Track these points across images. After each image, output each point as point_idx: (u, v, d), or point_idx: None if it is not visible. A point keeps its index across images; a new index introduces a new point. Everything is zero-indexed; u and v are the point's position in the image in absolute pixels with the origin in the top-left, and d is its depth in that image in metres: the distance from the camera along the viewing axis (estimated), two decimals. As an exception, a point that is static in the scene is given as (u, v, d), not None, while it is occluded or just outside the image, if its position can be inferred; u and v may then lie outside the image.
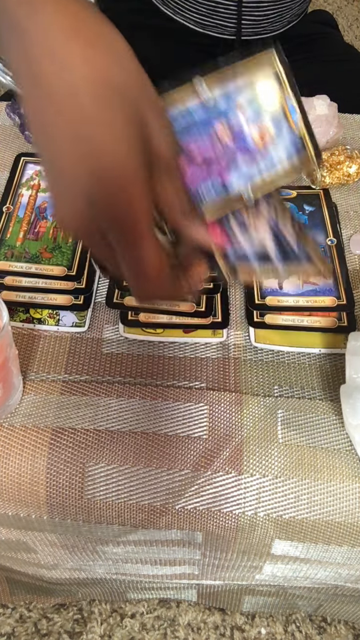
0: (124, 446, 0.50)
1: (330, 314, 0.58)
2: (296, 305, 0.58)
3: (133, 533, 0.53)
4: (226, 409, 0.52)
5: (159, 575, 0.67)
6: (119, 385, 0.54)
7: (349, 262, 0.62)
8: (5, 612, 0.87)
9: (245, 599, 0.78)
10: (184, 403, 0.53)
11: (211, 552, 0.57)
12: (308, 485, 0.49)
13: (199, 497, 0.50)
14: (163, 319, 0.57)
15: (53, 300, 0.58)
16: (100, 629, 0.85)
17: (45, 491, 0.50)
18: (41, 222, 0.63)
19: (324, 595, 0.71)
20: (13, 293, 0.58)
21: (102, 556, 0.61)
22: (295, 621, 0.87)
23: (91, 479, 0.50)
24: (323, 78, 0.86)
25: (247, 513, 0.49)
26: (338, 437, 0.51)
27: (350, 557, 0.53)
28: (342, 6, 1.96)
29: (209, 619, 0.87)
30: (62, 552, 0.61)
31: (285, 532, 0.50)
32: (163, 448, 0.50)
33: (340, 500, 0.49)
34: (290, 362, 0.56)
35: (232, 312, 0.58)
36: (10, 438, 0.51)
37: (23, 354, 0.55)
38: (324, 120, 0.69)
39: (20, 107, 0.68)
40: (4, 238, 0.61)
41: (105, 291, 0.60)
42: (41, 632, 0.86)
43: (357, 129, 0.74)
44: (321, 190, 0.68)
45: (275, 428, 0.52)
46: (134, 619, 0.87)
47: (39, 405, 0.52)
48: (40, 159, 0.35)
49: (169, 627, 0.86)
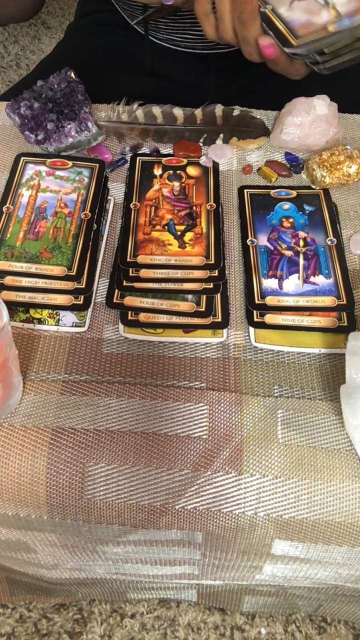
0: (124, 446, 0.50)
1: (330, 314, 0.58)
2: (296, 305, 0.58)
3: (133, 533, 0.53)
4: (226, 409, 0.52)
5: (159, 575, 0.67)
6: (119, 385, 0.54)
7: (349, 262, 0.62)
8: (5, 612, 0.87)
9: (245, 599, 0.78)
10: (184, 403, 0.53)
11: (211, 552, 0.57)
12: (308, 485, 0.49)
13: (199, 497, 0.50)
14: (163, 319, 0.57)
15: (53, 300, 0.58)
16: (100, 629, 0.85)
17: (45, 491, 0.50)
18: (41, 222, 0.63)
19: (324, 595, 0.71)
20: (13, 293, 0.58)
21: (102, 556, 0.61)
22: (295, 621, 0.87)
23: (91, 479, 0.50)
24: (323, 78, 0.86)
25: (247, 513, 0.49)
26: (338, 437, 0.51)
27: (350, 557, 0.53)
28: (342, 6, 1.96)
29: (209, 619, 0.87)
30: (62, 552, 0.61)
31: (285, 532, 0.50)
32: (163, 448, 0.50)
33: (340, 500, 0.49)
34: (290, 362, 0.56)
35: (232, 312, 0.58)
36: (10, 438, 0.51)
37: (23, 354, 0.55)
38: (324, 120, 0.69)
39: (20, 107, 0.68)
40: (4, 238, 0.61)
41: (105, 291, 0.60)
42: (41, 632, 0.86)
43: (357, 129, 0.74)
44: (321, 190, 0.68)
45: (275, 428, 0.52)
46: (134, 619, 0.86)
47: (39, 405, 0.52)
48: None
49: (169, 627, 0.86)
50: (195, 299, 0.58)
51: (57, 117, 0.67)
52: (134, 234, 0.63)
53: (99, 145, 0.71)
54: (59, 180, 0.66)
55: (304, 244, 0.63)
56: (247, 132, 0.72)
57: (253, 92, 0.88)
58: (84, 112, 0.67)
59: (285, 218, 0.65)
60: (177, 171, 0.69)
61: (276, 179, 0.69)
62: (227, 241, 0.64)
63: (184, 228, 0.63)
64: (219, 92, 0.88)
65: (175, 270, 0.60)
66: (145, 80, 0.87)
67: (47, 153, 0.70)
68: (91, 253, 0.61)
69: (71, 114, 0.67)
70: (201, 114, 0.72)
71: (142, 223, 0.64)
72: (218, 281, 0.59)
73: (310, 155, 0.71)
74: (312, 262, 0.61)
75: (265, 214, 0.65)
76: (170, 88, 0.88)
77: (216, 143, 0.72)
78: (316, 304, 0.58)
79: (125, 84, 0.85)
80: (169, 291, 0.59)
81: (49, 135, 0.67)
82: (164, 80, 0.88)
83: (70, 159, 0.68)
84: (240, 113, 0.73)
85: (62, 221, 0.63)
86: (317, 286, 0.59)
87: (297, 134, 0.70)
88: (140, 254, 0.61)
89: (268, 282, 0.60)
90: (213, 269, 0.60)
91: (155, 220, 0.64)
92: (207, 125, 0.72)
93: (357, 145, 0.72)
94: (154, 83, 0.87)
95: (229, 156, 0.71)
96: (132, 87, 0.78)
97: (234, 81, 0.89)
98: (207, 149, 0.71)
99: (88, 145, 0.70)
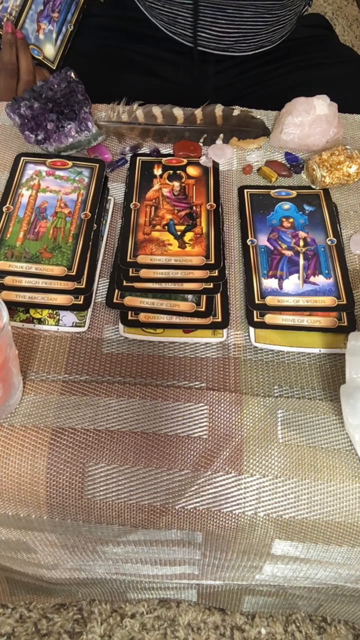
0: (124, 446, 0.50)
1: (330, 314, 0.58)
2: (296, 305, 0.58)
3: (133, 533, 0.53)
4: (226, 409, 0.52)
5: (159, 575, 0.67)
6: (119, 385, 0.54)
7: (349, 262, 0.62)
8: (5, 612, 0.87)
9: (245, 599, 0.78)
10: (184, 403, 0.53)
11: (211, 552, 0.57)
12: (308, 485, 0.49)
13: (199, 497, 0.50)
14: (163, 319, 0.57)
15: (53, 300, 0.58)
16: (100, 629, 0.85)
17: (45, 491, 0.50)
18: (41, 222, 0.63)
19: (324, 595, 0.71)
20: (13, 293, 0.58)
21: (102, 556, 0.61)
22: (295, 621, 0.87)
23: (91, 479, 0.50)
24: (322, 79, 0.86)
25: (247, 513, 0.49)
26: (338, 437, 0.51)
27: (350, 557, 0.53)
28: (342, 6, 1.96)
29: (209, 619, 0.87)
30: (62, 552, 0.61)
31: (285, 532, 0.50)
32: (163, 448, 0.50)
33: (340, 500, 0.49)
34: (290, 362, 0.56)
35: (232, 312, 0.58)
36: (10, 438, 0.51)
37: (23, 354, 0.55)
38: (324, 120, 0.69)
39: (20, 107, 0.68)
40: (4, 238, 0.61)
41: (105, 291, 0.60)
42: (41, 632, 0.85)
43: (357, 129, 0.74)
44: (321, 190, 0.68)
45: (275, 428, 0.52)
46: (134, 619, 0.86)
47: (39, 405, 0.52)
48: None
49: (169, 627, 0.86)
50: (195, 299, 0.58)
51: (57, 117, 0.67)
52: (134, 234, 0.63)
53: (99, 145, 0.71)
54: (59, 180, 0.66)
55: (304, 244, 0.63)
56: (247, 132, 0.72)
57: (253, 92, 0.89)
58: (84, 112, 0.67)
59: (285, 218, 0.65)
60: (177, 171, 0.69)
61: (276, 179, 0.69)
62: (227, 241, 0.64)
63: (184, 228, 0.63)
64: (219, 92, 0.89)
65: (175, 270, 0.60)
66: (145, 80, 0.87)
67: (47, 153, 0.70)
68: (91, 253, 0.61)
69: (71, 114, 0.67)
70: (201, 114, 0.72)
71: (142, 223, 0.64)
72: (218, 281, 0.59)
73: (310, 155, 0.71)
74: (312, 262, 0.61)
75: (265, 214, 0.65)
76: (170, 88, 0.88)
77: (216, 143, 0.72)
78: (316, 304, 0.58)
79: (125, 84, 0.85)
80: (169, 291, 0.59)
81: (49, 135, 0.67)
82: (164, 81, 0.88)
83: (70, 159, 0.68)
84: (240, 113, 0.73)
85: (62, 221, 0.63)
86: (317, 286, 0.59)
87: (297, 134, 0.70)
88: (140, 254, 0.61)
89: (268, 282, 0.60)
90: (213, 269, 0.60)
91: (155, 220, 0.64)
92: (207, 125, 0.72)
93: (357, 145, 0.72)
94: (154, 83, 0.87)
95: (229, 156, 0.71)
96: (132, 87, 0.78)
97: (234, 82, 0.90)
98: (207, 149, 0.71)
99: (88, 145, 0.70)
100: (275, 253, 0.62)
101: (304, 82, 0.85)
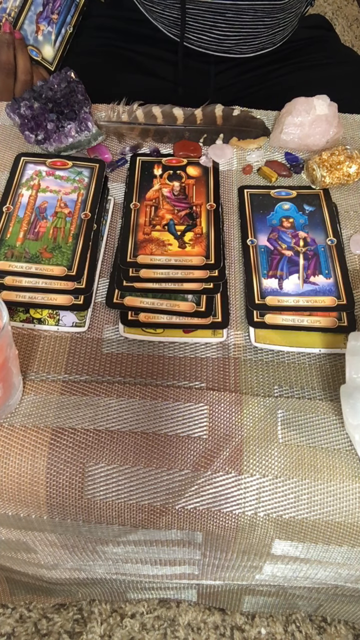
0: (124, 446, 0.50)
1: (330, 314, 0.58)
2: (296, 305, 0.58)
3: (133, 533, 0.53)
4: (226, 409, 0.52)
5: (159, 575, 0.67)
6: (119, 385, 0.54)
7: (349, 262, 0.62)
8: (5, 612, 0.87)
9: (245, 599, 0.78)
10: (184, 403, 0.53)
11: (211, 552, 0.57)
12: (308, 485, 0.49)
13: (199, 497, 0.50)
14: (163, 319, 0.57)
15: (53, 300, 0.58)
16: (100, 629, 0.85)
17: (45, 491, 0.50)
18: (41, 222, 0.63)
19: (324, 595, 0.71)
20: (13, 293, 0.58)
21: (102, 556, 0.61)
22: (295, 621, 0.87)
23: (91, 479, 0.50)
24: (322, 79, 0.86)
25: (247, 513, 0.49)
26: (338, 437, 0.51)
27: (350, 557, 0.53)
28: (342, 6, 1.96)
29: (209, 619, 0.87)
30: (62, 552, 0.61)
31: (285, 532, 0.50)
32: (163, 448, 0.50)
33: (340, 500, 0.49)
34: (290, 362, 0.56)
35: (232, 312, 0.58)
36: (10, 438, 0.51)
37: (23, 354, 0.55)
38: (324, 120, 0.69)
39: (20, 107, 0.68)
40: (4, 238, 0.61)
41: (105, 291, 0.60)
42: (41, 632, 0.85)
43: (357, 129, 0.74)
44: (321, 190, 0.68)
45: (275, 428, 0.52)
46: (134, 619, 0.86)
47: (39, 405, 0.52)
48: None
49: (169, 627, 0.86)
50: (195, 299, 0.58)
51: (57, 117, 0.67)
52: (134, 234, 0.63)
53: (99, 145, 0.71)
54: (59, 180, 0.66)
55: (304, 244, 0.63)
56: (247, 132, 0.72)
57: (253, 92, 0.89)
58: (84, 112, 0.67)
59: (285, 218, 0.65)
60: (177, 171, 0.69)
61: (276, 179, 0.69)
62: (227, 241, 0.64)
63: (184, 228, 0.63)
64: (220, 92, 0.89)
65: (175, 270, 0.60)
66: (146, 80, 0.87)
67: (47, 153, 0.70)
68: (91, 253, 0.61)
69: (71, 114, 0.67)
70: (201, 114, 0.72)
71: (142, 223, 0.64)
72: (218, 281, 0.59)
73: (310, 155, 0.71)
74: (312, 262, 0.61)
75: (265, 214, 0.65)
76: (170, 88, 0.88)
77: (216, 143, 0.72)
78: (316, 304, 0.58)
79: (125, 84, 0.85)
80: (169, 291, 0.59)
81: (49, 135, 0.67)
82: (163, 81, 0.88)
83: (70, 159, 0.68)
84: (240, 113, 0.73)
85: (62, 221, 0.63)
86: (317, 286, 0.59)
87: (297, 134, 0.70)
88: (140, 254, 0.61)
89: (268, 282, 0.60)
90: (213, 269, 0.60)
91: (155, 220, 0.64)
92: (207, 125, 0.72)
93: (357, 145, 0.72)
94: (154, 83, 0.87)
95: (229, 156, 0.71)
96: (132, 87, 0.78)
97: (234, 82, 0.90)
98: (207, 149, 0.71)
99: (88, 145, 0.70)
100: (275, 253, 0.62)
101: (304, 82, 0.85)
